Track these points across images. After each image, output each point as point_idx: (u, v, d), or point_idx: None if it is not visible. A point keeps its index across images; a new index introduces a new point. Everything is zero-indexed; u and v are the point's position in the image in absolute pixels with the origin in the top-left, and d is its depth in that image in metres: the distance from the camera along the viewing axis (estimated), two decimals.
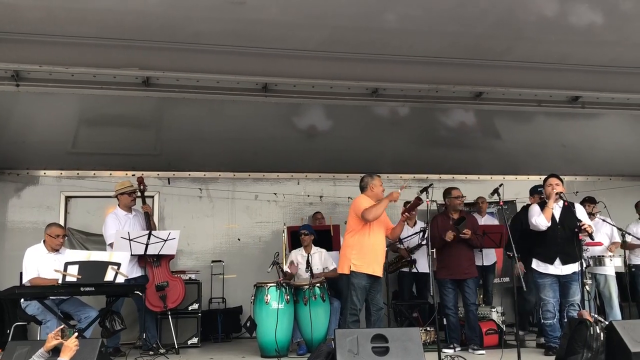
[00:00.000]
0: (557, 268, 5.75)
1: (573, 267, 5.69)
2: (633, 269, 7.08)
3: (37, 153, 7.29)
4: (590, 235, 5.61)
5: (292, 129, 7.06)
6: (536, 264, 5.92)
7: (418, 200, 5.66)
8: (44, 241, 5.61)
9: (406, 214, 5.67)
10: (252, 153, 7.67)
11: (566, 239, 5.69)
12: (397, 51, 5.53)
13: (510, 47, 5.52)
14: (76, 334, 3.77)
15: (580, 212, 5.91)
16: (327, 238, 7.11)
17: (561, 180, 5.95)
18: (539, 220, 5.79)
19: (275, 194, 8.24)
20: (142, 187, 6.50)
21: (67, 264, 4.96)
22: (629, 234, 6.76)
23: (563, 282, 5.75)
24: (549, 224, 5.77)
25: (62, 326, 3.96)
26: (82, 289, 5.01)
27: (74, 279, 4.94)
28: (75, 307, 5.49)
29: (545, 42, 5.44)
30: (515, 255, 5.62)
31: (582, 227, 5.55)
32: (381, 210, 5.49)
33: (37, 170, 7.68)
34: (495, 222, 7.91)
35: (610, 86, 6.33)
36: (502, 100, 6.37)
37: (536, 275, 5.88)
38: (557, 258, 5.75)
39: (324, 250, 6.66)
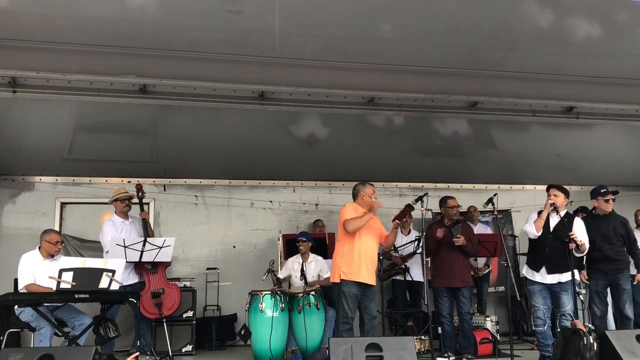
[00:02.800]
0: (543, 276, 5.77)
1: (559, 277, 5.68)
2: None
3: (33, 159, 7.28)
4: (578, 246, 5.60)
5: (289, 137, 7.08)
6: (525, 270, 6.00)
7: (408, 208, 5.64)
8: (39, 247, 5.59)
9: (397, 221, 5.65)
10: (248, 160, 7.68)
11: (556, 248, 5.69)
12: (393, 61, 5.57)
13: (506, 58, 5.55)
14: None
15: (578, 225, 5.88)
16: (323, 246, 7.12)
17: (564, 191, 5.92)
18: (529, 228, 5.86)
19: (271, 201, 8.24)
20: (140, 194, 6.49)
21: (61, 271, 4.95)
22: None
23: (553, 292, 5.76)
24: (538, 234, 5.81)
25: (137, 353, 3.87)
26: (76, 295, 5.00)
27: (69, 286, 4.93)
28: (70, 314, 5.47)
29: (540, 52, 5.49)
30: (510, 264, 5.65)
31: (571, 237, 5.54)
32: (362, 224, 5.46)
33: (32, 176, 7.67)
34: (489, 231, 7.95)
35: (604, 97, 6.38)
36: (497, 110, 6.41)
37: (527, 282, 5.95)
38: (543, 267, 5.77)
39: (320, 258, 6.65)
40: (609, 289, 6.12)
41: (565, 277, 5.60)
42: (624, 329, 5.77)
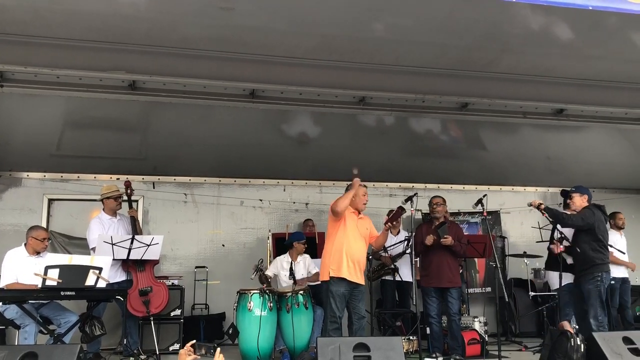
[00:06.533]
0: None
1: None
2: (612, 282, 7.10)
3: (21, 155, 7.20)
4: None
5: (279, 136, 7.06)
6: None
7: (400, 210, 5.66)
8: (25, 244, 5.54)
9: (389, 223, 5.65)
10: (238, 159, 7.65)
11: None
12: (385, 60, 5.57)
13: (497, 59, 5.56)
14: (219, 349, 3.61)
15: None
16: (313, 245, 7.11)
17: None
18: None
19: (260, 200, 8.21)
20: (129, 191, 6.45)
21: (47, 268, 4.89)
22: (611, 245, 6.79)
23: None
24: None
25: (193, 341, 3.81)
26: (62, 293, 4.95)
27: (54, 283, 4.88)
28: (55, 311, 5.42)
29: (531, 54, 5.50)
30: (498, 265, 5.67)
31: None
32: (347, 201, 5.48)
33: (20, 172, 7.57)
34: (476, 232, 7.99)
35: (594, 99, 6.42)
36: (487, 111, 6.45)
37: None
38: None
39: (307, 256, 6.67)
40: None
41: None
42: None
